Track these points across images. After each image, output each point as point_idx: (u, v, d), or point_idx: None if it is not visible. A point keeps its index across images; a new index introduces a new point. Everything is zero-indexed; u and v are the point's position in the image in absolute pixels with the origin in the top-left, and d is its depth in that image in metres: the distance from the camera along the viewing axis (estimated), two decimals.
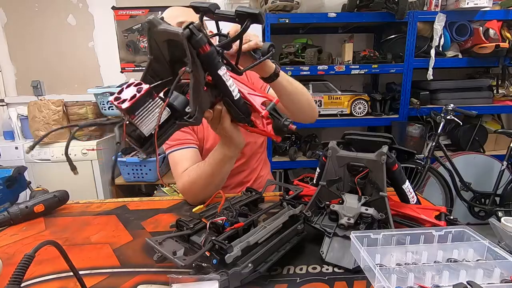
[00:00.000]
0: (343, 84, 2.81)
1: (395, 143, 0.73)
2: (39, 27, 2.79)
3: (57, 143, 2.47)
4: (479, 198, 2.49)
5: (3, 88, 2.92)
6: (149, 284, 0.59)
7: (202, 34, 0.55)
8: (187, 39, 0.53)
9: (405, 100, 2.50)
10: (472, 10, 2.33)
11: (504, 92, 2.62)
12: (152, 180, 2.54)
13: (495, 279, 0.50)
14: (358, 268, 0.59)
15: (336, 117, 2.52)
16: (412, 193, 0.75)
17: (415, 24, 2.35)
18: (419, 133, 2.55)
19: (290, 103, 1.01)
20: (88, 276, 0.62)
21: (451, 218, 0.70)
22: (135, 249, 0.72)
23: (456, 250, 0.56)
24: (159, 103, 0.56)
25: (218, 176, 0.92)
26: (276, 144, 2.65)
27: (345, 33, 2.76)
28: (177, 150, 1.05)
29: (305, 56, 2.41)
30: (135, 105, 0.53)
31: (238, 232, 0.61)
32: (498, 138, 2.68)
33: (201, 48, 0.55)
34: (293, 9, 2.35)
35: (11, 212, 0.85)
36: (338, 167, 0.73)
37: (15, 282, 0.45)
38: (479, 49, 2.40)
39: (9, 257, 0.70)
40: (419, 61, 2.43)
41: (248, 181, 1.21)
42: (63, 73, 2.87)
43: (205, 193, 0.95)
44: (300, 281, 0.59)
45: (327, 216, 0.72)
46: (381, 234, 0.57)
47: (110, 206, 0.97)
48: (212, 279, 0.51)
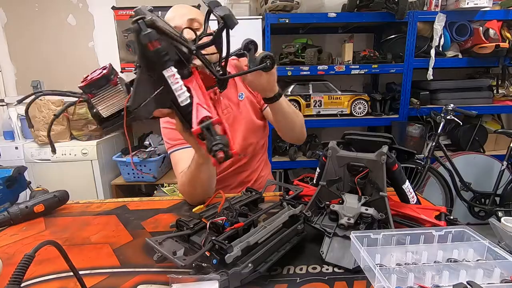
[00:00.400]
0: (343, 84, 2.81)
1: (395, 143, 0.73)
2: (39, 27, 2.79)
3: (57, 143, 2.47)
4: (479, 198, 2.48)
5: (3, 88, 2.92)
6: (149, 284, 0.59)
7: (151, 30, 0.53)
8: (136, 33, 0.53)
9: (405, 100, 2.50)
10: (472, 10, 2.33)
11: (504, 92, 2.62)
12: (152, 180, 2.54)
13: (495, 279, 0.50)
14: (358, 268, 0.59)
15: (336, 117, 2.52)
16: (412, 193, 0.75)
17: (415, 24, 2.35)
18: (419, 133, 2.54)
19: (285, 123, 1.02)
20: (88, 276, 0.62)
21: (451, 218, 0.70)
22: (135, 249, 0.72)
23: (456, 250, 0.56)
24: (119, 90, 0.60)
25: (198, 180, 0.90)
26: (276, 144, 2.65)
27: (345, 33, 2.76)
28: (178, 150, 1.05)
29: (305, 56, 2.41)
30: (88, 86, 0.59)
31: (238, 232, 0.61)
32: (498, 138, 2.68)
33: (149, 44, 0.53)
34: (293, 9, 2.35)
35: (11, 212, 0.85)
36: (338, 167, 0.73)
37: (15, 282, 0.45)
38: (479, 49, 2.40)
39: (9, 257, 0.70)
40: (419, 61, 2.43)
41: (249, 181, 1.21)
42: (63, 73, 2.87)
43: (197, 194, 0.94)
44: (300, 281, 0.59)
45: (327, 216, 0.72)
46: (381, 234, 0.57)
47: (110, 206, 0.97)
48: (212, 279, 0.51)
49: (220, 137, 0.53)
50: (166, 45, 0.56)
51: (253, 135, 1.15)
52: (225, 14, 0.60)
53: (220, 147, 0.52)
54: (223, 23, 0.60)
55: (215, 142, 0.53)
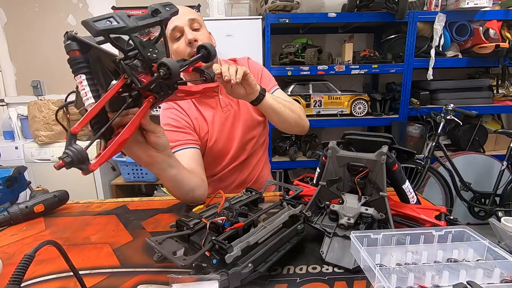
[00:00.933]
0: (343, 84, 2.81)
1: (395, 143, 0.73)
2: (39, 27, 2.79)
3: (57, 143, 2.47)
4: (479, 198, 2.48)
5: (3, 88, 2.92)
6: (149, 284, 0.59)
7: (69, 41, 0.62)
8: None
9: (405, 100, 2.50)
10: (472, 10, 2.33)
11: (504, 92, 2.62)
12: (152, 180, 2.54)
13: (495, 279, 0.50)
14: (358, 268, 0.59)
15: (336, 117, 2.52)
16: (412, 193, 0.75)
17: (415, 24, 2.35)
18: (419, 133, 2.54)
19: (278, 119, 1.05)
20: (88, 276, 0.62)
21: (451, 218, 0.70)
22: (135, 249, 0.72)
23: (456, 250, 0.56)
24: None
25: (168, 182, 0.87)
26: (276, 143, 2.65)
27: (345, 33, 2.76)
28: (176, 151, 1.05)
29: (305, 56, 2.41)
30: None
31: (238, 232, 0.61)
32: (498, 138, 2.68)
33: (68, 53, 0.62)
34: (293, 9, 2.35)
35: (11, 212, 0.85)
36: (338, 167, 0.73)
37: (15, 282, 0.45)
38: (479, 49, 2.40)
39: (9, 257, 0.70)
40: (419, 61, 2.43)
41: (249, 181, 1.22)
42: (63, 73, 2.86)
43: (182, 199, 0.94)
44: (300, 281, 0.59)
45: (327, 216, 0.72)
46: (381, 234, 0.57)
47: (110, 206, 0.97)
48: (212, 279, 0.51)
49: (74, 148, 0.55)
50: (95, 56, 0.63)
51: (252, 131, 1.18)
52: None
53: (62, 157, 0.54)
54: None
55: (65, 150, 0.55)
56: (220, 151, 1.15)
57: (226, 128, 1.14)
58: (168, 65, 0.59)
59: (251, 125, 1.17)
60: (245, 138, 1.16)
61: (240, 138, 1.15)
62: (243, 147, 1.17)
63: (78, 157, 0.55)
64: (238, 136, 1.15)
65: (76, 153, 0.54)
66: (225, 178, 1.20)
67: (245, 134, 1.16)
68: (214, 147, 1.14)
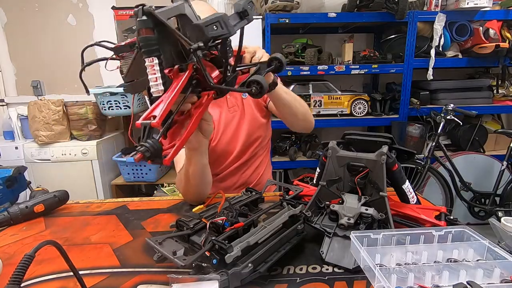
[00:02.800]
0: (343, 84, 2.81)
1: (395, 143, 0.73)
2: (39, 27, 2.79)
3: (57, 143, 2.47)
4: (479, 198, 2.48)
5: (3, 88, 2.92)
6: (149, 284, 0.59)
7: (146, 18, 0.54)
8: (135, 17, 0.56)
9: (405, 100, 2.50)
10: (472, 10, 2.33)
11: (504, 92, 2.62)
12: (152, 180, 2.54)
13: (495, 279, 0.50)
14: (358, 268, 0.59)
15: (336, 117, 2.52)
16: (412, 193, 0.75)
17: (415, 24, 2.35)
18: (419, 133, 2.54)
19: (288, 111, 1.06)
20: (88, 276, 0.62)
21: (451, 218, 0.70)
22: (135, 249, 0.72)
23: (456, 250, 0.56)
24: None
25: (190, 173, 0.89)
26: (276, 143, 2.65)
27: (345, 33, 2.76)
28: None
29: (305, 56, 2.41)
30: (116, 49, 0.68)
31: (238, 232, 0.61)
32: (498, 138, 2.68)
33: (139, 30, 0.55)
34: (293, 9, 2.35)
35: (11, 212, 0.85)
36: (338, 167, 0.73)
37: (15, 282, 0.45)
38: (479, 49, 2.39)
39: (9, 257, 0.70)
40: (419, 61, 2.43)
41: (251, 182, 1.22)
42: (63, 73, 2.86)
43: (191, 188, 0.94)
44: (300, 281, 0.59)
45: (327, 216, 0.72)
46: (381, 234, 0.57)
47: (110, 206, 0.97)
48: (212, 279, 0.51)
49: (152, 141, 0.54)
50: (164, 36, 0.57)
51: (256, 132, 1.19)
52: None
53: (141, 150, 0.53)
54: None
55: (141, 143, 0.54)
56: (223, 151, 1.15)
57: (231, 128, 1.15)
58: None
59: (255, 125, 1.18)
60: (249, 139, 1.17)
61: (244, 139, 1.16)
62: (246, 148, 1.18)
63: (156, 151, 0.54)
64: (242, 137, 1.15)
65: (154, 146, 0.54)
66: (226, 179, 1.20)
67: (249, 135, 1.16)
68: (217, 146, 1.14)
